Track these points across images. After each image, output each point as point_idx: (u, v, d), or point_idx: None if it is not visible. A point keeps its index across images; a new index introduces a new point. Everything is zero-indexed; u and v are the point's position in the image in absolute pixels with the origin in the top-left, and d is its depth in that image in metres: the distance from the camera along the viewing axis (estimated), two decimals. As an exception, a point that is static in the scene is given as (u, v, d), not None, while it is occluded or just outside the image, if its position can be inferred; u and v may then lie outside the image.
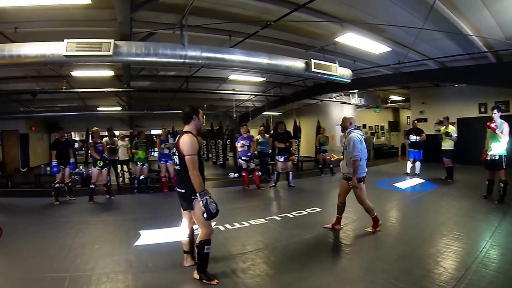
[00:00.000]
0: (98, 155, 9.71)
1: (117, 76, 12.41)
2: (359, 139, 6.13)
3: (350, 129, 6.33)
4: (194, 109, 4.47)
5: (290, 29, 9.08)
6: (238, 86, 16.50)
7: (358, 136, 6.18)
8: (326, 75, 10.18)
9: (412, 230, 6.45)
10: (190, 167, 4.10)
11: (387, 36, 9.70)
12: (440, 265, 4.71)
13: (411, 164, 12.81)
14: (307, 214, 7.83)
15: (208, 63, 8.51)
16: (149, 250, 5.65)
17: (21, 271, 4.87)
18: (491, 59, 11.12)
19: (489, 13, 7.88)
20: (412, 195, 9.94)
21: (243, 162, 11.33)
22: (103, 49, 7.13)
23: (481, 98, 15.19)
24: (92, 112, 18.35)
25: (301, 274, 4.62)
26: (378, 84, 16.06)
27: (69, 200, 9.66)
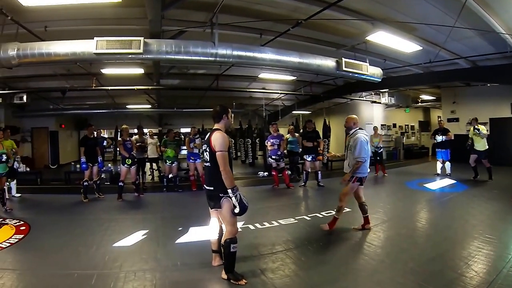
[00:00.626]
0: (127, 153, 9.74)
1: (147, 74, 12.51)
2: (366, 140, 6.07)
3: (355, 129, 6.22)
4: (225, 108, 4.52)
5: (321, 27, 9.01)
6: (268, 85, 16.38)
7: (365, 137, 6.09)
8: (356, 74, 10.06)
9: (443, 232, 6.26)
10: (221, 163, 4.11)
11: (418, 35, 9.53)
12: (471, 268, 4.57)
13: (440, 164, 12.63)
14: (337, 214, 7.67)
15: (239, 61, 8.50)
16: (178, 248, 5.67)
17: (48, 267, 4.94)
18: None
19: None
20: (443, 196, 9.71)
21: (273, 161, 11.25)
22: (133, 47, 7.20)
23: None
24: (121, 109, 18.64)
25: (330, 275, 4.57)
26: (409, 83, 15.77)
27: (98, 198, 9.75)
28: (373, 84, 12.44)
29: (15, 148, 10.04)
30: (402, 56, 11.31)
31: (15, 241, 5.99)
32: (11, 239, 6.09)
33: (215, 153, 4.17)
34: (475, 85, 16.08)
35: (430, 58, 10.77)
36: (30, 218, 7.44)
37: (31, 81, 13.73)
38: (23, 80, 13.43)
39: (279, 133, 11.55)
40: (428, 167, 15.06)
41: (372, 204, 9.00)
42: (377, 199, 9.69)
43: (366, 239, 5.99)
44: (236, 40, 8.83)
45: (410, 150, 22.02)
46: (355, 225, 6.65)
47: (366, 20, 8.39)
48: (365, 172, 6.14)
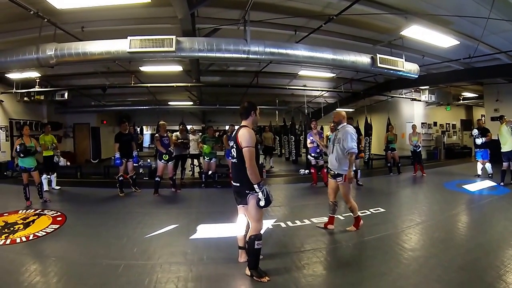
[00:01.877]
0: (164, 149, 9.84)
1: (186, 71, 12.72)
2: (355, 134, 6.07)
3: (344, 123, 6.20)
4: (252, 105, 4.54)
5: (355, 23, 8.93)
6: (309, 82, 16.35)
7: (353, 131, 6.06)
8: (392, 70, 9.89)
9: (477, 237, 6.00)
10: (247, 159, 4.14)
11: (454, 28, 9.26)
12: (502, 279, 4.29)
13: (481, 165, 12.08)
14: (370, 215, 7.57)
15: (272, 58, 8.52)
16: (207, 243, 5.71)
17: (79, 255, 5.19)
18: None
19: None
20: (482, 199, 9.30)
21: (312, 158, 11.14)
22: (165, 45, 7.39)
23: None
24: (163, 106, 18.94)
25: (354, 277, 4.49)
26: (449, 80, 15.35)
27: (134, 192, 9.94)
28: (413, 81, 12.24)
29: (55, 143, 10.48)
30: (440, 51, 11.02)
31: (51, 231, 6.32)
32: (47, 228, 6.43)
33: (242, 150, 4.20)
34: None
35: (470, 53, 10.40)
36: (67, 210, 7.77)
37: (73, 79, 14.29)
38: (65, 78, 13.99)
39: (318, 130, 11.40)
40: (469, 168, 14.51)
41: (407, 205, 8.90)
42: (413, 200, 9.60)
43: (397, 242, 5.82)
44: (271, 37, 8.90)
45: (451, 150, 21.36)
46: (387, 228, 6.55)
47: (397, 13, 8.22)
48: (353, 168, 6.21)
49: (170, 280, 4.28)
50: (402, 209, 8.55)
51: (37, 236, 5.99)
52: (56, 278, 4.34)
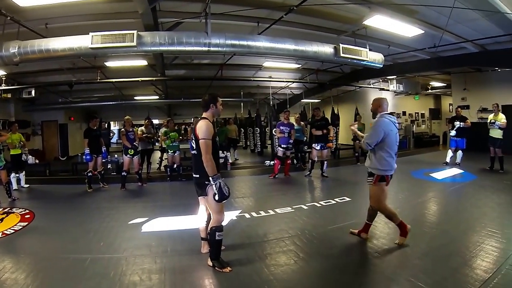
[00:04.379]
0: (129, 144, 9.83)
1: (150, 66, 12.61)
2: (388, 127, 5.01)
3: (381, 113, 5.15)
4: (213, 97, 4.57)
5: (318, 13, 8.94)
6: (274, 73, 16.36)
7: (387, 123, 5.04)
8: (356, 60, 9.91)
9: (443, 224, 6.14)
10: (203, 151, 4.16)
11: (419, 18, 9.34)
12: (468, 264, 4.43)
13: (451, 153, 12.38)
14: (335, 204, 7.68)
15: (233, 50, 8.50)
16: (171, 235, 5.74)
17: (47, 251, 5.22)
18: (535, 41, 10.52)
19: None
20: (449, 186, 9.49)
21: (282, 150, 11.13)
22: (127, 40, 7.36)
23: None
24: (129, 101, 18.77)
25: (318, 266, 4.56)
26: (416, 69, 15.51)
27: (102, 188, 9.90)
28: (380, 70, 12.33)
29: (23, 141, 10.31)
30: (405, 40, 11.09)
31: (19, 228, 6.31)
32: (16, 226, 6.42)
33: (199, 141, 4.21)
34: (486, 70, 15.82)
35: (435, 42, 10.51)
36: (36, 207, 7.72)
37: (39, 76, 13.99)
38: (32, 75, 13.70)
39: (289, 121, 11.44)
40: (437, 156, 14.82)
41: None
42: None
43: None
44: (235, 29, 8.89)
45: (420, 139, 21.76)
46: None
47: (361, 4, 8.26)
48: (388, 168, 5.07)
49: (134, 272, 4.32)
50: (368, 198, 8.62)
51: (6, 234, 5.97)
52: (24, 274, 4.34)
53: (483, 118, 14.38)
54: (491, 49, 11.98)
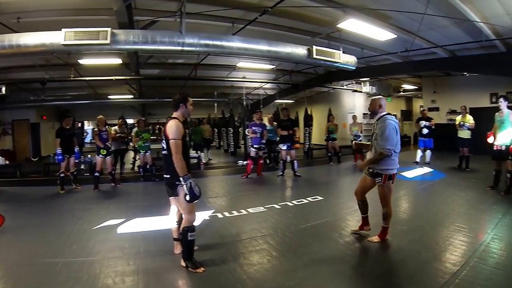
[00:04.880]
0: (102, 143, 9.72)
1: (125, 64, 12.42)
2: (396, 128, 4.99)
3: (382, 114, 5.12)
4: (183, 97, 4.54)
5: (293, 15, 9.00)
6: (248, 74, 16.43)
7: (395, 124, 5.01)
8: (328, 61, 10.02)
9: (413, 220, 6.36)
10: (173, 151, 4.15)
11: (392, 23, 9.54)
12: (437, 258, 4.62)
13: (421, 153, 12.82)
14: (308, 203, 7.79)
15: (207, 50, 8.48)
16: (144, 236, 5.70)
17: (18, 256, 5.00)
18: (500, 48, 10.98)
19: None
20: (419, 185, 9.83)
21: (255, 150, 11.25)
22: (100, 37, 7.17)
23: (492, 88, 14.95)
24: (103, 100, 18.44)
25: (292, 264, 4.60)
26: (388, 72, 15.90)
27: (75, 189, 9.71)
28: (353, 72, 12.55)
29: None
30: (378, 44, 11.32)
31: None
32: None
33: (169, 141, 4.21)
34: (455, 75, 16.35)
35: (407, 46, 10.75)
36: (5, 210, 7.28)
37: (10, 73, 13.56)
38: (2, 72, 13.23)
39: (262, 122, 11.57)
40: (408, 155, 15.07)
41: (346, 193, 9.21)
42: (352, 188, 9.61)
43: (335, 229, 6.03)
44: (209, 29, 8.85)
45: (392, 139, 21.99)
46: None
47: (336, 7, 8.36)
48: (395, 167, 5.15)
49: (108, 275, 4.25)
50: (341, 197, 8.92)
51: (-26, 239, 5.72)
52: (-6, 281, 4.19)
53: (452, 120, 14.89)
54: (460, 55, 12.42)
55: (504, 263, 4.43)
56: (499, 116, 8.06)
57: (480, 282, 3.91)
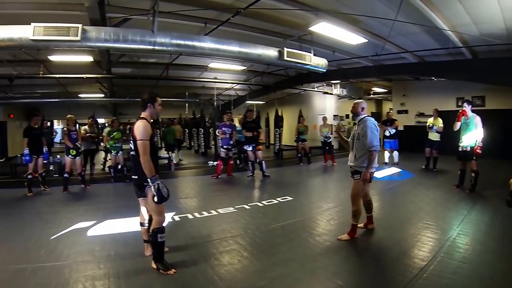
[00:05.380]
0: (71, 144, 9.52)
1: (96, 62, 12.16)
2: (376, 127, 5.27)
3: (362, 115, 5.42)
4: (151, 97, 4.48)
5: (266, 17, 9.04)
6: (220, 75, 16.40)
7: (375, 124, 5.30)
8: (299, 64, 10.04)
9: (383, 219, 6.44)
10: (141, 152, 4.12)
11: (363, 27, 9.68)
12: (406, 254, 4.79)
13: (388, 154, 13.19)
14: (277, 203, 7.89)
15: (178, 50, 8.38)
16: (115, 239, 5.62)
17: None
18: (467, 55, 11.35)
19: (463, 8, 7.86)
20: (388, 184, 10.08)
21: (224, 150, 11.35)
22: (71, 34, 6.93)
23: (458, 92, 15.63)
24: (73, 99, 18.03)
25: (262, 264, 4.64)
26: (359, 75, 16.25)
27: (44, 191, 9.48)
28: (324, 75, 12.62)
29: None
30: (350, 48, 11.45)
31: None
32: None
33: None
34: (423, 79, 16.91)
35: (377, 51, 10.95)
36: None
37: (-24, 68, 13.17)
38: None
39: (231, 123, 11.65)
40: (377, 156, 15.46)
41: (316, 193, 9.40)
42: (321, 188, 10.33)
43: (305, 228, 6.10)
44: (182, 29, 8.77)
45: (362, 140, 22.43)
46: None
47: (307, 10, 8.37)
48: (375, 165, 5.30)
49: (77, 280, 4.15)
50: (311, 197, 9.05)
51: None
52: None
53: (420, 122, 15.41)
54: (428, 61, 12.85)
55: (469, 257, 4.66)
56: (464, 119, 8.39)
57: (447, 276, 4.09)
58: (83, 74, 12.49)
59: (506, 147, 13.12)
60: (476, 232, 5.78)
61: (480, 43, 9.71)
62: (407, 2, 7.31)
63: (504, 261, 4.54)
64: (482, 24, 8.65)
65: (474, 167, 8.28)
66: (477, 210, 6.98)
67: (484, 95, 14.92)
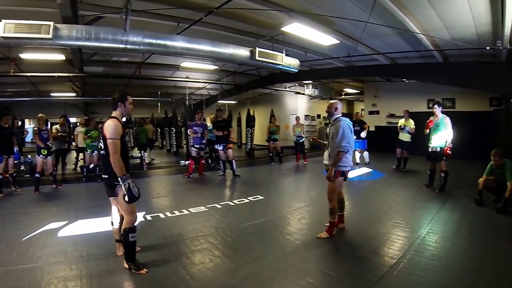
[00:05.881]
0: (42, 143, 9.35)
1: (68, 61, 11.99)
2: (349, 127, 5.44)
3: (337, 115, 5.59)
4: (122, 96, 4.46)
5: (238, 17, 9.06)
6: (191, 74, 16.42)
7: (348, 124, 5.46)
8: (271, 63, 10.12)
9: (353, 218, 6.56)
10: (111, 151, 4.11)
11: (336, 29, 9.78)
12: (376, 252, 4.92)
13: (359, 154, 13.39)
14: (249, 202, 7.99)
15: (150, 49, 8.33)
16: (87, 239, 5.57)
17: None
18: (438, 58, 11.60)
19: (435, 13, 8.01)
20: (358, 184, 10.25)
21: (196, 150, 11.35)
22: (42, 31, 6.79)
23: (430, 94, 15.91)
24: (45, 98, 17.68)
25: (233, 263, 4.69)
26: (331, 76, 16.52)
27: (14, 191, 9.24)
28: (296, 75, 12.82)
29: None
30: (322, 48, 11.58)
31: None
32: None
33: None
34: (395, 81, 17.23)
35: (349, 52, 11.03)
36: None
37: None
38: None
39: (203, 122, 11.66)
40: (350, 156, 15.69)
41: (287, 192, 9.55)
42: (292, 187, 10.44)
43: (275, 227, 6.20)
44: (155, 28, 8.73)
45: (333, 141, 22.68)
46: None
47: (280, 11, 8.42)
48: (349, 164, 5.58)
49: (50, 281, 4.11)
50: (282, 196, 9.12)
51: None
52: None
53: (391, 123, 15.67)
54: (400, 63, 13.13)
55: (439, 254, 4.82)
56: (434, 120, 8.62)
57: (417, 273, 4.23)
58: (55, 73, 12.33)
59: (475, 148, 13.44)
60: (445, 230, 5.97)
61: (451, 47, 9.89)
62: (380, 4, 7.40)
63: (473, 258, 4.72)
64: (454, 29, 8.86)
65: (443, 167, 8.54)
66: (446, 209, 7.21)
67: (454, 97, 15.33)
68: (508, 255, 4.86)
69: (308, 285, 4.02)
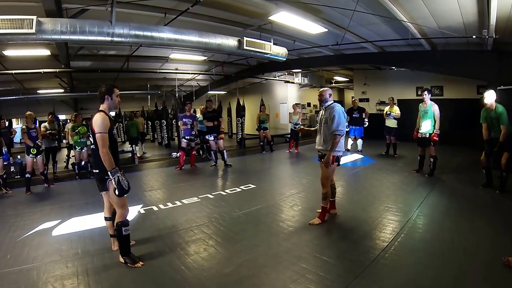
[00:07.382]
0: (32, 142, 9.18)
1: (54, 56, 11.81)
2: (343, 113, 5.55)
3: (330, 101, 5.68)
4: (108, 89, 4.43)
5: (225, 7, 8.97)
6: (180, 65, 16.29)
7: (342, 109, 5.57)
8: (259, 53, 10.11)
9: (345, 204, 6.64)
10: (100, 145, 4.09)
11: (323, 17, 9.73)
12: (368, 236, 5.00)
13: (351, 141, 13.40)
14: (241, 191, 8.03)
15: (137, 41, 8.22)
16: (81, 236, 5.54)
17: None
18: (426, 47, 11.62)
19: (422, 2, 8.00)
20: (350, 170, 10.35)
21: (186, 141, 11.34)
22: (25, 26, 6.64)
23: (418, 82, 16.03)
24: (31, 95, 17.36)
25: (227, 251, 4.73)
26: (320, 64, 16.62)
27: (5, 193, 9.03)
28: (285, 64, 12.85)
29: None
30: (310, 37, 11.52)
31: None
32: None
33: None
34: (384, 68, 17.41)
35: (338, 40, 11.03)
36: None
37: None
38: None
39: (192, 113, 11.64)
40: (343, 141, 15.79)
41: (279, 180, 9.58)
42: (284, 175, 10.48)
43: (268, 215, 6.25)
44: (141, 20, 8.64)
45: (324, 128, 22.82)
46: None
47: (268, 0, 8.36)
48: (341, 149, 5.62)
49: (46, 281, 4.09)
50: (273, 184, 9.18)
51: None
52: None
53: (381, 110, 15.70)
54: (388, 51, 13.08)
55: (428, 236, 4.96)
56: (423, 106, 8.82)
57: (407, 256, 4.32)
58: (41, 69, 12.11)
59: (463, 134, 13.72)
60: (434, 213, 6.08)
61: (439, 35, 9.92)
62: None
63: (461, 239, 4.81)
64: (441, 18, 8.86)
65: (432, 153, 8.69)
66: (435, 193, 7.33)
67: (442, 85, 15.48)
68: (495, 235, 4.97)
69: (302, 270, 4.06)
